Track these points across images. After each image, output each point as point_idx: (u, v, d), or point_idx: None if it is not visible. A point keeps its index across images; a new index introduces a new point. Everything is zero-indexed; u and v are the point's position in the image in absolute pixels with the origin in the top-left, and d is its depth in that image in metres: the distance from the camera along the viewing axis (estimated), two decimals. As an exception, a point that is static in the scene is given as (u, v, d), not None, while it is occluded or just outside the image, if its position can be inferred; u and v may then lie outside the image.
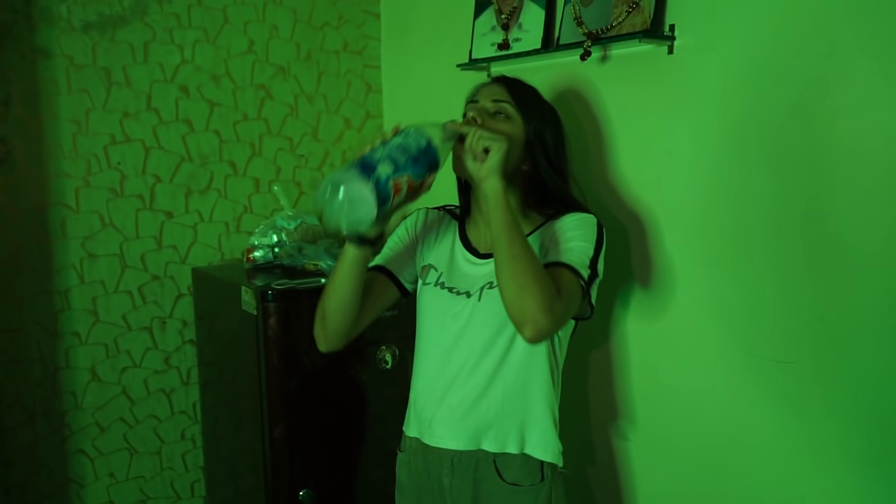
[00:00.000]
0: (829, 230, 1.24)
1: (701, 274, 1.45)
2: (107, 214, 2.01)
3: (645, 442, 1.58)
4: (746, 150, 1.35)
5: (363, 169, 1.06)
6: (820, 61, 1.23)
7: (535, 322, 1.10)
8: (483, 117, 1.27)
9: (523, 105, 1.30)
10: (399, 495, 1.42)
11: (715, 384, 1.44)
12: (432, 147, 1.14)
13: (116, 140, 2.00)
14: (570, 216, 1.27)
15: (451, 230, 1.38)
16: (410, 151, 1.12)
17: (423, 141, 1.14)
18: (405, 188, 1.12)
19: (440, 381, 1.30)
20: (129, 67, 2.00)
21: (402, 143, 1.12)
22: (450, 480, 1.30)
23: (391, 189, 1.08)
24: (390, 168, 1.08)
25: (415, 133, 1.14)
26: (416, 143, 1.13)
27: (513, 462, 1.27)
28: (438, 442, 1.30)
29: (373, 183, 1.05)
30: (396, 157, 1.10)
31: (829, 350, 1.26)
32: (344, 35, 2.31)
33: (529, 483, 1.26)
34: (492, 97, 1.30)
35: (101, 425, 2.06)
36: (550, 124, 1.33)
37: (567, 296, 1.16)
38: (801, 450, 1.31)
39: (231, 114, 2.15)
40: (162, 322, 2.11)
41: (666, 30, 1.46)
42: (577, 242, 1.23)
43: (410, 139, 1.13)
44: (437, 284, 1.33)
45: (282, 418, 1.68)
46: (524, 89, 1.34)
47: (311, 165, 2.30)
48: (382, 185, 1.07)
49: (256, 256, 1.97)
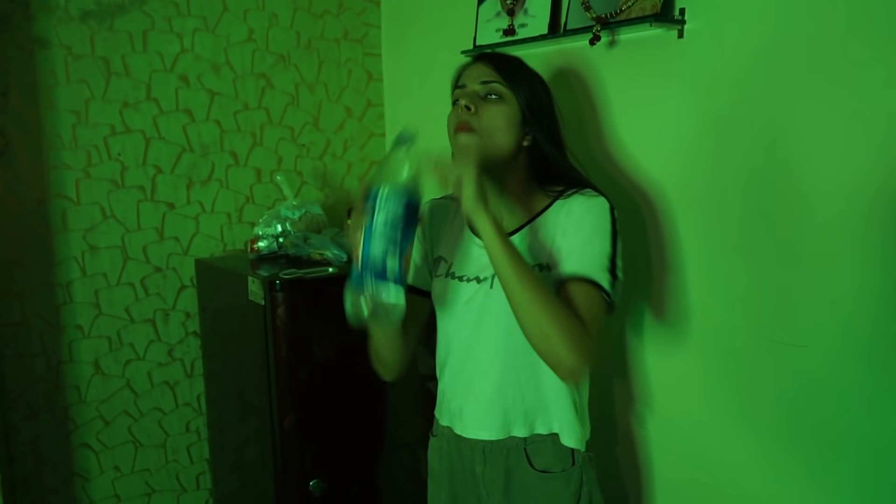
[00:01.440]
0: (842, 212, 1.24)
1: (711, 258, 1.45)
2: (108, 206, 1.99)
3: (661, 428, 1.58)
4: (758, 134, 1.35)
5: (377, 275, 1.07)
6: (836, 43, 1.22)
7: (567, 368, 1.09)
8: (476, 103, 1.23)
9: (513, 81, 1.25)
10: (431, 480, 1.41)
11: (727, 368, 1.44)
12: (412, 199, 1.10)
13: (116, 131, 1.98)
14: (579, 201, 1.23)
15: (459, 217, 1.35)
16: (398, 222, 1.08)
17: (400, 204, 1.08)
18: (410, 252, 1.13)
19: (464, 372, 1.30)
20: (129, 57, 1.97)
21: (386, 218, 1.08)
22: (482, 469, 1.30)
23: (404, 267, 1.10)
24: (395, 253, 1.08)
25: (388, 196, 1.08)
26: (395, 209, 1.08)
27: (544, 448, 1.27)
28: (470, 433, 1.30)
29: (391, 280, 1.08)
30: (392, 236, 1.08)
31: (843, 334, 1.26)
32: (344, 23, 2.29)
33: (560, 469, 1.26)
34: (480, 79, 1.25)
35: (106, 419, 2.04)
36: (541, 93, 1.30)
37: (593, 322, 1.14)
38: (817, 433, 1.31)
39: (231, 103, 2.13)
40: (165, 314, 2.10)
41: (676, 13, 1.45)
42: (593, 245, 1.18)
43: (391, 207, 1.08)
44: (448, 275, 1.32)
45: (291, 409, 1.67)
46: (510, 63, 1.28)
47: (312, 155, 2.28)
48: (399, 274, 1.09)
49: (260, 247, 1.95)
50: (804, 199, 1.29)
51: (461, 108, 1.23)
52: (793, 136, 1.30)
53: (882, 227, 1.19)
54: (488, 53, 1.31)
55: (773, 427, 1.37)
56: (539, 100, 1.28)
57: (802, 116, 1.28)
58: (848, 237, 1.23)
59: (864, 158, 1.20)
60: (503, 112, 1.23)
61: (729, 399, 1.44)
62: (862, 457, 1.25)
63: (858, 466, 1.26)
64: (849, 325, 1.25)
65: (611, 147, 1.60)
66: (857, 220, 1.22)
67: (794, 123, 1.29)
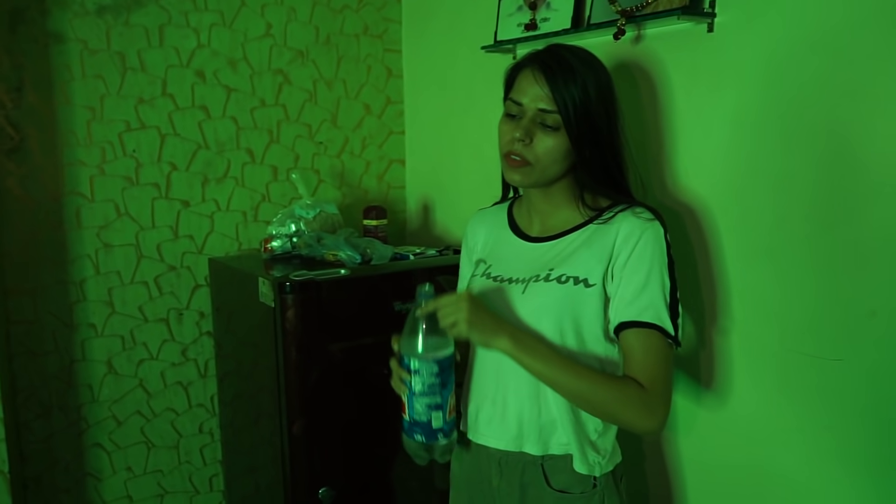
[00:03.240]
0: (881, 219, 1.15)
1: (739, 264, 1.37)
2: (122, 203, 1.96)
3: (690, 442, 1.51)
4: (791, 135, 1.27)
5: (428, 435, 1.15)
6: (877, 37, 1.14)
7: (644, 432, 1.13)
8: (531, 133, 1.17)
9: (569, 107, 1.15)
10: (452, 485, 1.38)
11: (756, 380, 1.36)
12: (442, 360, 1.13)
13: (131, 127, 1.95)
14: (635, 225, 1.16)
15: (500, 222, 1.34)
16: (435, 381, 1.13)
17: (432, 371, 1.12)
18: (455, 400, 1.19)
19: (485, 376, 1.26)
20: (144, 52, 1.94)
21: (423, 386, 1.13)
22: (498, 482, 1.25)
23: (452, 418, 1.17)
24: (439, 414, 1.14)
25: (419, 368, 1.12)
26: (430, 373, 1.13)
27: (563, 466, 1.20)
28: (483, 439, 1.26)
29: (441, 435, 1.15)
30: (433, 401, 1.13)
31: (881, 347, 1.17)
32: (364, 18, 2.24)
33: (580, 490, 1.20)
34: (537, 104, 1.16)
35: (118, 419, 2.02)
36: (601, 105, 1.18)
37: (663, 380, 1.13)
38: (848, 450, 1.23)
39: (248, 100, 2.09)
40: (179, 313, 2.07)
41: (706, 6, 1.38)
42: (653, 284, 1.13)
43: (424, 377, 1.13)
44: (484, 275, 1.28)
45: (300, 414, 1.63)
46: (569, 79, 1.15)
47: (330, 153, 2.24)
48: (447, 427, 1.16)
49: (274, 246, 1.91)
50: (840, 204, 1.20)
51: (514, 139, 1.18)
52: (832, 135, 1.21)
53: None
54: (545, 59, 1.18)
55: (805, 445, 1.29)
56: (598, 116, 1.17)
57: (844, 114, 1.20)
58: (889, 244, 1.15)
59: (909, 161, 1.12)
60: (558, 145, 1.17)
61: (758, 414, 1.36)
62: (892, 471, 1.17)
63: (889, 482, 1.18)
64: (887, 338, 1.16)
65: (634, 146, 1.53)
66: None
67: (833, 122, 1.21)
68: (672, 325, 1.14)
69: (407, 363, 1.13)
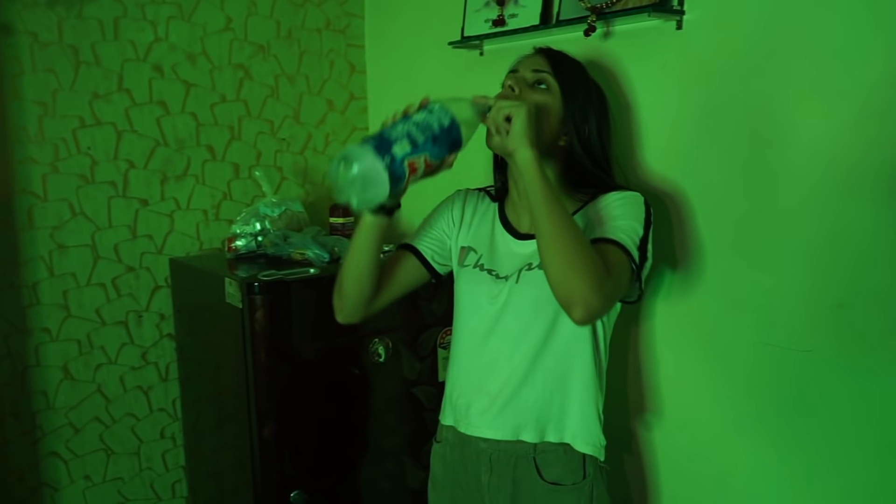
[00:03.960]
0: (850, 213, 1.18)
1: (712, 258, 1.39)
2: (77, 202, 1.89)
3: (664, 434, 1.52)
4: (760, 129, 1.29)
5: (379, 146, 1.03)
6: (841, 34, 1.17)
7: (584, 302, 1.02)
8: (521, 86, 1.21)
9: (565, 78, 1.23)
10: (432, 487, 1.36)
11: (730, 373, 1.38)
12: (455, 126, 1.09)
13: (86, 123, 1.88)
14: (614, 193, 1.20)
15: (490, 211, 1.33)
16: (432, 130, 1.07)
17: (446, 120, 1.09)
18: (422, 168, 1.08)
19: (477, 367, 1.25)
20: (99, 45, 1.87)
21: (424, 120, 1.08)
22: (488, 477, 1.24)
23: (406, 169, 1.05)
24: (408, 147, 1.05)
25: (439, 110, 1.09)
26: (438, 122, 1.08)
27: (554, 459, 1.21)
28: (475, 431, 1.25)
29: (387, 162, 1.03)
30: (416, 135, 1.06)
31: (851, 338, 1.20)
32: (326, 12, 2.21)
33: (571, 482, 1.20)
34: (532, 67, 1.24)
35: (76, 426, 1.95)
36: (594, 103, 1.25)
37: (617, 274, 1.08)
38: (821, 439, 1.26)
39: (208, 95, 2.04)
40: (138, 316, 2.00)
41: (675, 3, 1.39)
42: (626, 221, 1.15)
43: (434, 116, 1.08)
44: (477, 266, 1.27)
45: (270, 417, 1.59)
46: (568, 63, 1.26)
47: (293, 149, 2.19)
48: (398, 165, 1.04)
49: (238, 245, 1.86)
50: (810, 197, 1.23)
51: (505, 88, 1.21)
52: (796, 130, 1.24)
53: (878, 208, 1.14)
54: (550, 49, 1.29)
55: (774, 433, 1.32)
56: (588, 105, 1.24)
57: (806, 110, 1.22)
58: (857, 237, 1.18)
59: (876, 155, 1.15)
60: (545, 101, 1.20)
61: (730, 405, 1.39)
62: (867, 463, 1.20)
63: (863, 473, 1.21)
64: (855, 329, 1.19)
65: (606, 143, 1.54)
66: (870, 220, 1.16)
67: (797, 117, 1.24)
68: (636, 257, 1.12)
69: (429, 104, 1.10)
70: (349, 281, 1.24)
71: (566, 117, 1.22)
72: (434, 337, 1.77)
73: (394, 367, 1.72)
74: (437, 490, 1.34)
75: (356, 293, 1.25)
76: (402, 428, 1.78)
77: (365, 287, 1.24)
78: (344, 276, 1.25)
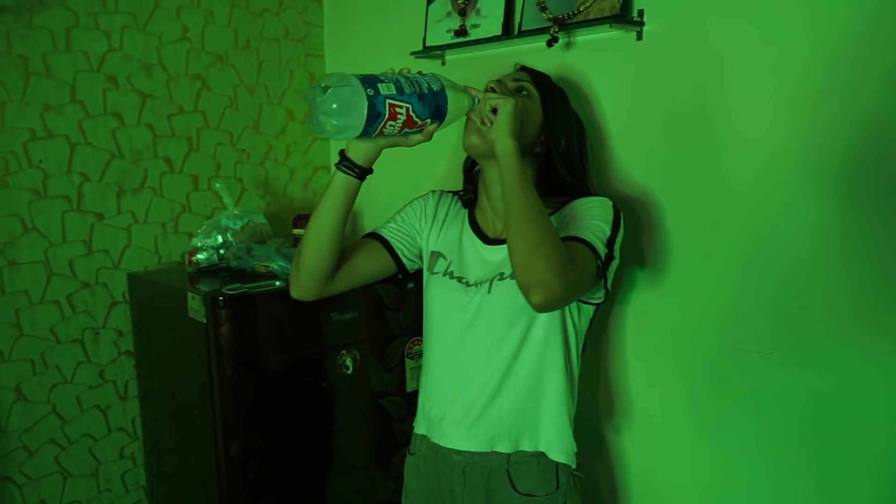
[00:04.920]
0: (809, 217, 1.22)
1: (676, 263, 1.42)
2: (29, 218, 1.83)
3: (633, 438, 1.54)
4: (719, 137, 1.33)
5: (365, 79, 1.04)
6: (797, 46, 1.21)
7: (545, 286, 1.01)
8: (503, 89, 1.22)
9: (545, 91, 1.27)
10: (406, 499, 1.36)
11: (693, 377, 1.41)
12: (444, 95, 1.12)
13: (37, 136, 1.82)
14: (585, 199, 1.22)
15: (460, 216, 1.33)
16: (420, 87, 1.10)
17: (436, 84, 1.13)
18: (402, 119, 1.07)
19: (450, 377, 1.25)
20: (50, 56, 1.82)
21: (414, 77, 1.11)
22: (461, 490, 1.24)
23: (387, 109, 1.05)
24: (393, 90, 1.06)
25: (432, 77, 1.13)
26: (428, 84, 1.11)
27: (528, 470, 1.21)
28: (449, 442, 1.24)
29: (370, 93, 1.02)
30: (403, 84, 1.08)
31: (810, 340, 1.24)
32: (284, 22, 2.19)
33: (545, 492, 1.21)
34: (514, 77, 1.29)
35: (30, 448, 1.88)
36: (570, 119, 1.29)
37: (581, 266, 1.09)
38: (783, 439, 1.29)
39: (165, 106, 1.99)
40: (95, 333, 1.95)
41: (635, 14, 1.42)
42: (594, 221, 1.17)
43: (425, 79, 1.12)
44: (446, 274, 1.27)
45: (237, 432, 1.56)
46: (549, 82, 1.30)
47: (253, 160, 2.17)
48: (379, 100, 1.03)
49: (200, 259, 1.83)
50: (769, 203, 1.27)
51: (488, 88, 1.22)
52: (756, 138, 1.28)
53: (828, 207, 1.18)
54: (534, 69, 1.32)
55: (738, 435, 1.35)
56: (568, 122, 1.27)
57: (764, 119, 1.26)
58: (816, 241, 1.22)
59: (835, 162, 1.19)
60: (525, 105, 1.21)
61: (695, 408, 1.42)
62: (828, 463, 1.24)
63: (824, 473, 1.25)
64: (815, 331, 1.23)
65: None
66: (828, 225, 1.20)
67: (756, 126, 1.27)
68: (602, 255, 1.13)
69: (425, 73, 1.14)
70: (310, 248, 1.22)
71: (545, 125, 1.24)
72: (402, 347, 1.76)
73: (361, 379, 1.71)
74: (411, 502, 1.34)
75: (315, 263, 1.22)
76: (370, 440, 1.77)
77: (325, 257, 1.21)
78: (305, 243, 1.22)
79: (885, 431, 1.17)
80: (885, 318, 1.15)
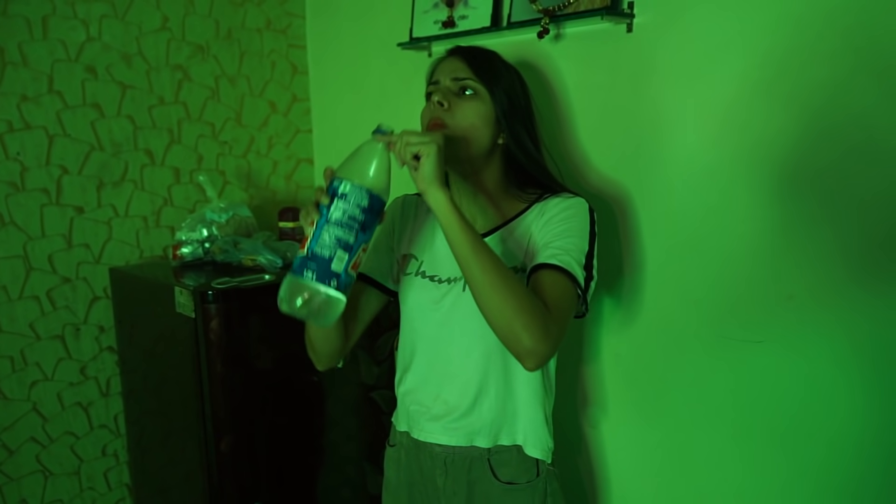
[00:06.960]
0: (798, 208, 1.24)
1: (666, 254, 1.43)
2: (6, 211, 1.78)
3: (614, 429, 1.56)
4: (709, 129, 1.34)
5: (321, 274, 1.00)
6: (785, 38, 1.22)
7: (534, 354, 1.02)
8: (449, 98, 1.18)
9: (488, 77, 1.20)
10: (386, 492, 1.34)
11: (682, 366, 1.43)
12: (375, 196, 1.03)
13: (14, 127, 1.77)
14: (558, 201, 1.19)
15: (430, 214, 1.29)
16: (356, 220, 1.02)
17: (364, 199, 1.02)
18: (364, 256, 1.06)
19: (431, 375, 1.24)
20: (26, 45, 1.77)
21: (343, 214, 1.01)
22: (443, 480, 1.24)
23: (353, 273, 1.04)
24: (344, 255, 1.01)
25: (349, 193, 1.01)
26: (358, 206, 1.01)
27: (508, 459, 1.22)
28: (429, 437, 1.24)
29: (334, 284, 1.01)
30: (345, 237, 1.01)
31: (799, 329, 1.26)
32: (266, 12, 2.16)
33: (525, 480, 1.22)
34: (452, 74, 1.20)
35: (10, 447, 1.84)
36: (518, 90, 1.24)
37: (561, 310, 1.07)
38: (769, 429, 1.31)
39: (145, 97, 1.96)
40: (76, 329, 1.91)
41: (625, 7, 1.42)
42: (569, 239, 1.13)
43: (351, 202, 1.01)
44: (418, 274, 1.25)
45: (228, 428, 1.55)
46: (485, 58, 1.23)
47: (235, 152, 2.14)
48: (344, 278, 1.02)
49: (184, 253, 1.80)
50: (759, 194, 1.28)
51: (434, 104, 1.18)
52: (745, 130, 1.29)
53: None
54: (463, 47, 1.26)
55: (726, 424, 1.37)
56: (515, 97, 1.23)
57: (754, 111, 1.28)
58: (805, 230, 1.24)
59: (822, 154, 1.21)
60: (477, 108, 1.18)
61: (684, 398, 1.43)
62: (817, 451, 1.26)
63: (813, 461, 1.27)
64: (804, 319, 1.25)
65: (559, 143, 1.56)
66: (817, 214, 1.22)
67: (745, 118, 1.29)
68: (582, 281, 1.12)
69: (335, 186, 1.02)
70: (318, 342, 1.23)
71: (498, 116, 1.20)
72: (391, 340, 1.76)
73: (352, 373, 1.70)
74: (391, 493, 1.33)
75: (328, 349, 1.24)
76: (361, 433, 1.76)
77: (334, 342, 1.23)
78: (312, 337, 1.23)
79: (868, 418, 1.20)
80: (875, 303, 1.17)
